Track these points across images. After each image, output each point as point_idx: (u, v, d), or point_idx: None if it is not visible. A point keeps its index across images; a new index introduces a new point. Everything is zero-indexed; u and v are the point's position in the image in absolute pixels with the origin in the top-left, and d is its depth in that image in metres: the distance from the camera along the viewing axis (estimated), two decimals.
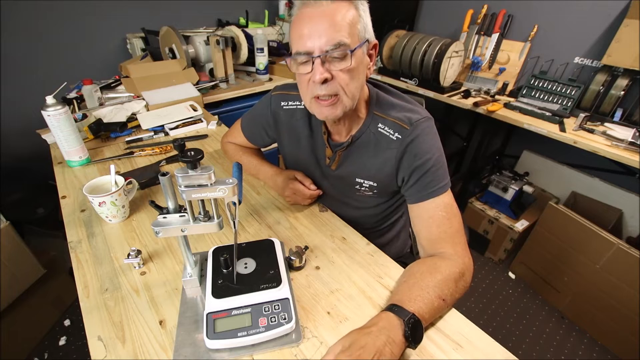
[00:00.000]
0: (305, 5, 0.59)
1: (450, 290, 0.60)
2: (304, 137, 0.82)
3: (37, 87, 1.68)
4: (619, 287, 1.38)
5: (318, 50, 0.58)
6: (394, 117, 0.70)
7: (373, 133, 0.72)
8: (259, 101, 0.89)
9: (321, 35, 0.57)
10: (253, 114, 0.91)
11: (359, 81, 0.64)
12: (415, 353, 0.54)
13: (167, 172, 0.49)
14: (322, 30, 0.57)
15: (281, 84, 0.86)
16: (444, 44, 1.67)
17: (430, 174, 0.68)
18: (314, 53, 0.59)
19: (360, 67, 0.63)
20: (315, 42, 0.58)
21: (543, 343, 1.49)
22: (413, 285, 0.59)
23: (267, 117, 0.86)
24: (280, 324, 0.54)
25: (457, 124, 2.29)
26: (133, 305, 0.61)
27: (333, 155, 0.78)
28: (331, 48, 0.58)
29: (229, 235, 0.77)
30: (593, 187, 1.72)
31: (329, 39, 0.57)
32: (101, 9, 1.74)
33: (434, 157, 0.68)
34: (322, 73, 0.59)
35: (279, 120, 0.84)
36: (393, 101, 0.73)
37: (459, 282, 0.62)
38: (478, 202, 1.90)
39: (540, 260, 1.68)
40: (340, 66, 0.60)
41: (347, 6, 0.59)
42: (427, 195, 0.68)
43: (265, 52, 1.74)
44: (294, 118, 0.82)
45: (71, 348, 1.39)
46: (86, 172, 0.99)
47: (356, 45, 0.60)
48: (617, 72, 1.48)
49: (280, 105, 0.83)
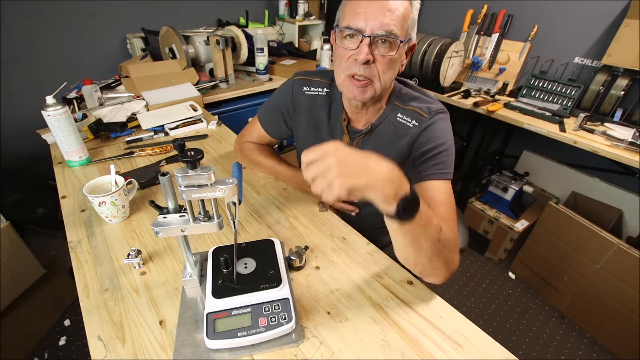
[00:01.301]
0: None
1: (442, 242, 0.57)
2: (322, 124, 0.83)
3: (37, 87, 1.68)
4: (619, 287, 1.38)
5: (369, 30, 0.60)
6: (413, 107, 0.73)
7: (392, 122, 0.74)
8: (279, 88, 0.90)
9: (376, 17, 0.59)
10: (272, 102, 0.91)
11: (394, 72, 0.66)
12: (415, 353, 0.54)
13: (167, 172, 0.49)
14: (378, 13, 0.59)
15: (302, 71, 0.87)
16: (444, 44, 1.67)
17: (439, 157, 0.70)
18: (365, 32, 0.60)
19: (398, 60, 0.65)
20: (370, 23, 0.60)
21: (543, 343, 1.49)
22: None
23: (287, 103, 0.86)
24: (280, 324, 0.54)
25: (457, 124, 2.27)
26: (133, 305, 0.61)
27: (351, 142, 0.80)
28: (382, 34, 0.60)
29: (229, 235, 0.77)
30: (593, 187, 1.72)
31: (382, 23, 0.59)
32: (101, 9, 1.74)
33: (446, 144, 0.70)
34: (367, 54, 0.61)
35: (299, 107, 0.85)
36: (414, 94, 0.75)
37: (446, 248, 0.59)
38: (478, 202, 1.90)
39: (540, 260, 1.68)
40: (385, 52, 0.62)
41: (404, 1, 0.61)
42: (432, 175, 0.69)
43: (265, 52, 1.74)
44: (314, 104, 0.83)
45: (71, 348, 1.39)
46: (86, 172, 0.99)
47: (403, 39, 0.62)
48: (617, 72, 1.48)
49: (302, 90, 0.83)
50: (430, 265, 0.59)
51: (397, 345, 0.56)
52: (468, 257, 1.94)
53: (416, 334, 0.57)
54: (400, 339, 0.57)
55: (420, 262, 0.58)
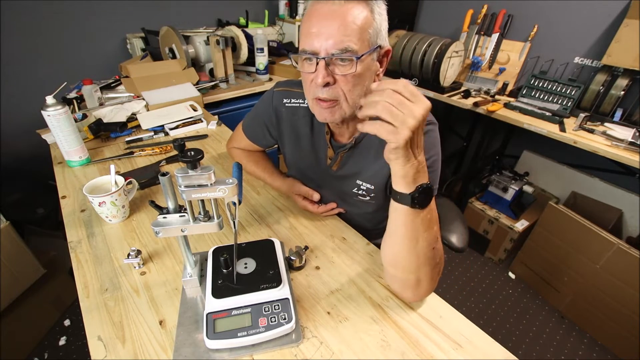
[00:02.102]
0: (318, 1, 0.57)
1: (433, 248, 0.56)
2: (305, 136, 0.81)
3: (37, 87, 1.68)
4: (619, 287, 1.38)
5: (324, 51, 0.56)
6: None
7: (376, 136, 0.72)
8: (260, 99, 0.89)
9: (329, 36, 0.55)
10: (255, 113, 0.91)
11: (363, 88, 0.61)
12: (415, 353, 0.54)
13: (167, 172, 0.49)
14: (330, 31, 0.55)
15: (284, 80, 0.85)
16: (444, 44, 1.67)
17: None
18: (320, 54, 0.56)
19: (366, 73, 0.60)
20: (322, 43, 0.55)
21: (543, 343, 1.49)
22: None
23: (269, 114, 0.85)
24: (280, 324, 0.54)
25: (457, 124, 2.29)
26: (133, 305, 0.61)
27: (335, 156, 0.78)
28: (337, 52, 0.55)
29: (229, 235, 0.77)
30: (593, 187, 1.71)
31: (336, 41, 0.55)
32: (101, 9, 1.74)
33: (429, 160, 0.66)
34: (324, 77, 0.57)
35: (281, 118, 0.83)
36: None
37: (434, 263, 0.58)
38: (478, 202, 1.90)
39: (540, 260, 1.68)
40: (345, 71, 0.58)
41: (362, 7, 0.56)
42: None
43: (265, 52, 1.74)
44: (295, 116, 0.81)
45: (71, 348, 1.39)
46: (86, 172, 0.99)
47: (364, 52, 0.57)
48: (617, 72, 1.48)
49: (282, 102, 0.82)
50: (416, 276, 0.57)
51: (397, 345, 0.56)
52: (468, 257, 1.94)
53: (416, 334, 0.57)
54: (400, 339, 0.57)
55: (410, 266, 0.57)
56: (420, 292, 0.60)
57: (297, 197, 0.85)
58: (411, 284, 0.59)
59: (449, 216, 1.00)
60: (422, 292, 0.60)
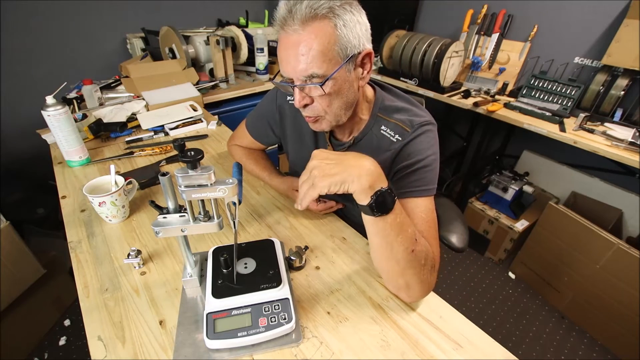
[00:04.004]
0: (281, 29, 0.57)
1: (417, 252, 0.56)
2: (307, 133, 0.82)
3: (37, 87, 1.68)
4: (619, 287, 1.38)
5: (296, 79, 0.59)
6: (397, 120, 0.70)
7: (375, 135, 0.72)
8: (264, 97, 0.89)
9: (294, 65, 0.57)
10: (258, 111, 0.91)
11: (343, 99, 0.63)
12: (415, 353, 0.54)
13: (167, 172, 0.49)
14: (294, 61, 0.56)
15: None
16: (444, 44, 1.67)
17: (417, 173, 0.66)
18: (294, 81, 0.60)
19: (343, 86, 0.60)
20: (291, 72, 0.58)
21: (543, 343, 1.49)
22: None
23: (272, 112, 0.86)
24: (280, 324, 0.54)
25: (457, 124, 2.29)
26: (133, 305, 0.61)
27: None
28: (303, 79, 0.58)
29: (229, 235, 0.77)
30: (593, 187, 1.71)
31: (301, 69, 0.57)
32: (101, 9, 1.74)
33: (427, 159, 0.67)
34: (300, 101, 0.61)
35: (284, 115, 0.85)
36: (398, 105, 0.72)
37: (421, 264, 0.57)
38: (478, 202, 1.90)
39: (540, 260, 1.68)
40: (316, 93, 0.60)
41: (321, 29, 0.54)
42: (411, 192, 0.66)
43: (265, 52, 1.74)
44: (298, 113, 0.81)
45: (71, 348, 1.39)
46: (86, 172, 0.99)
47: (333, 71, 0.57)
48: (617, 72, 1.48)
49: (286, 99, 0.83)
50: (404, 280, 0.57)
51: (397, 345, 0.56)
52: (468, 257, 1.94)
53: (416, 334, 0.57)
54: (400, 339, 0.57)
55: (393, 272, 0.57)
56: (414, 294, 0.60)
57: (296, 194, 0.86)
58: (401, 288, 0.59)
59: (449, 216, 1.00)
60: (415, 294, 0.60)
